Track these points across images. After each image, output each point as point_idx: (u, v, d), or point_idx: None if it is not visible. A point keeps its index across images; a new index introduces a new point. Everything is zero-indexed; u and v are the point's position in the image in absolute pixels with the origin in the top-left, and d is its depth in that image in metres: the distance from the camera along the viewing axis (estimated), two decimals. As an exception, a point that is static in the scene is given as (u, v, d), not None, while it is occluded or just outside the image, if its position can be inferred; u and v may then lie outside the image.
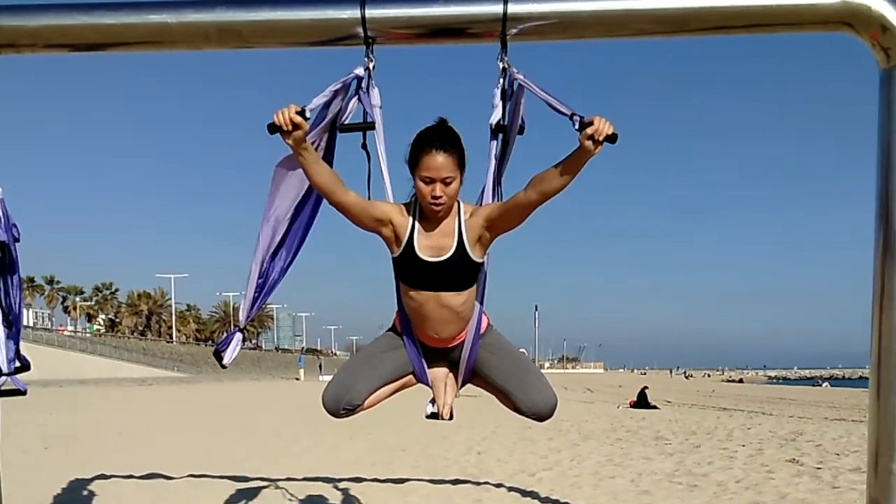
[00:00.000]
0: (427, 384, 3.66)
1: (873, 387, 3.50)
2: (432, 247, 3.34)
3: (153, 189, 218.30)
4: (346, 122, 3.52)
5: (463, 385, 3.71)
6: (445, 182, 3.25)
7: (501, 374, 3.51)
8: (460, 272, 3.35)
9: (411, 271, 3.37)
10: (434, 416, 3.79)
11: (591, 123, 2.93)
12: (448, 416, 3.67)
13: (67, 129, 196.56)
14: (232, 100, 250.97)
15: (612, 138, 2.99)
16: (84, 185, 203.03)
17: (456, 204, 3.39)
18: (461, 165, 3.32)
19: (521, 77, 3.32)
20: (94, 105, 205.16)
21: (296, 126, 3.00)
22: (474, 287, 3.46)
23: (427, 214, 3.37)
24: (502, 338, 3.67)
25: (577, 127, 3.00)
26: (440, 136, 3.31)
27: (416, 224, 3.37)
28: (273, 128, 3.05)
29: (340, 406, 3.44)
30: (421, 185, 3.28)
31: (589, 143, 2.95)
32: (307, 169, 3.18)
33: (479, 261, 3.40)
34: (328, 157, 3.59)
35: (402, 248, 3.36)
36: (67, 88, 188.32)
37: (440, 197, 3.26)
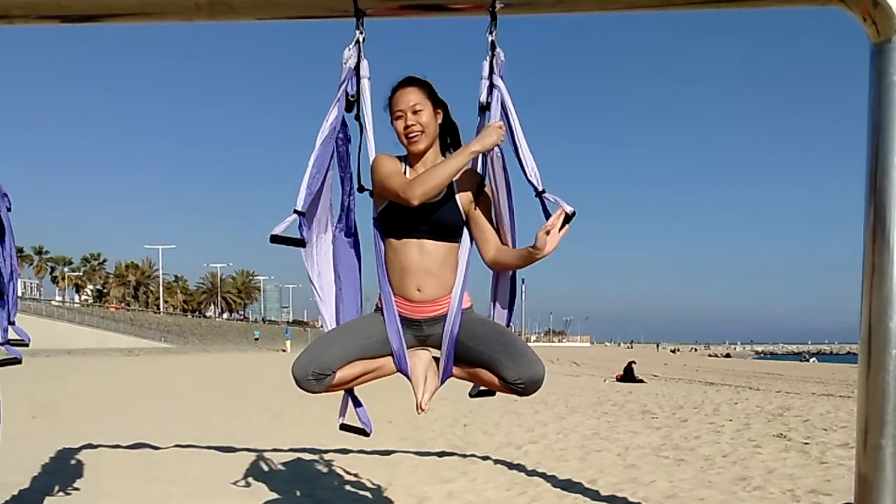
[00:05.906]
0: (405, 371, 3.48)
1: (863, 362, 3.50)
2: None
3: (142, 161, 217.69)
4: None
5: (445, 377, 3.52)
6: (415, 111, 3.33)
7: (488, 342, 3.30)
8: (445, 219, 3.35)
9: (397, 217, 3.35)
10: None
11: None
12: (426, 406, 3.53)
13: (59, 101, 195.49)
14: (223, 75, 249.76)
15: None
16: (75, 157, 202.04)
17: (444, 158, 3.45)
18: (431, 97, 3.40)
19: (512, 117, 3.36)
20: (86, 77, 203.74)
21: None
22: (457, 246, 3.42)
23: (413, 162, 3.45)
24: (485, 316, 3.63)
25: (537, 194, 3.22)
26: (405, 78, 3.43)
27: (407, 170, 3.44)
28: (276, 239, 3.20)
29: (310, 371, 3.22)
30: (396, 124, 3.38)
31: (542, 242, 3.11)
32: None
33: (463, 219, 3.40)
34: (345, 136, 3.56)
35: None
36: (57, 60, 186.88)
37: (412, 125, 3.34)
